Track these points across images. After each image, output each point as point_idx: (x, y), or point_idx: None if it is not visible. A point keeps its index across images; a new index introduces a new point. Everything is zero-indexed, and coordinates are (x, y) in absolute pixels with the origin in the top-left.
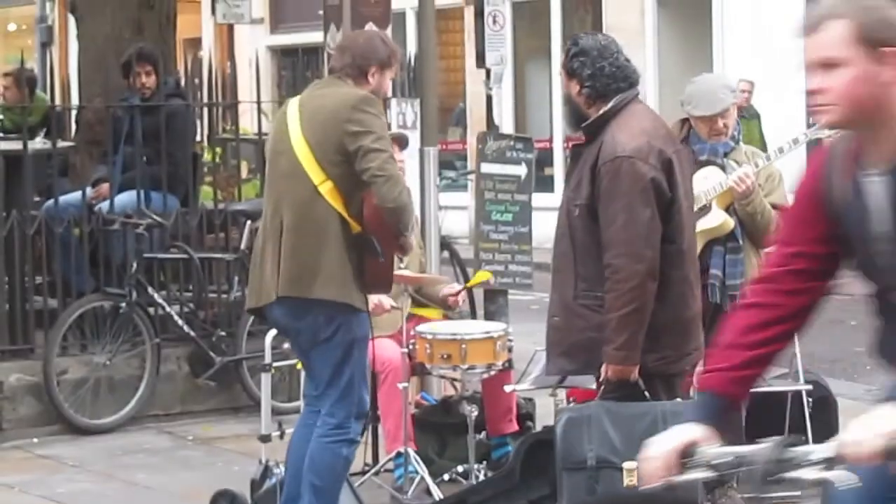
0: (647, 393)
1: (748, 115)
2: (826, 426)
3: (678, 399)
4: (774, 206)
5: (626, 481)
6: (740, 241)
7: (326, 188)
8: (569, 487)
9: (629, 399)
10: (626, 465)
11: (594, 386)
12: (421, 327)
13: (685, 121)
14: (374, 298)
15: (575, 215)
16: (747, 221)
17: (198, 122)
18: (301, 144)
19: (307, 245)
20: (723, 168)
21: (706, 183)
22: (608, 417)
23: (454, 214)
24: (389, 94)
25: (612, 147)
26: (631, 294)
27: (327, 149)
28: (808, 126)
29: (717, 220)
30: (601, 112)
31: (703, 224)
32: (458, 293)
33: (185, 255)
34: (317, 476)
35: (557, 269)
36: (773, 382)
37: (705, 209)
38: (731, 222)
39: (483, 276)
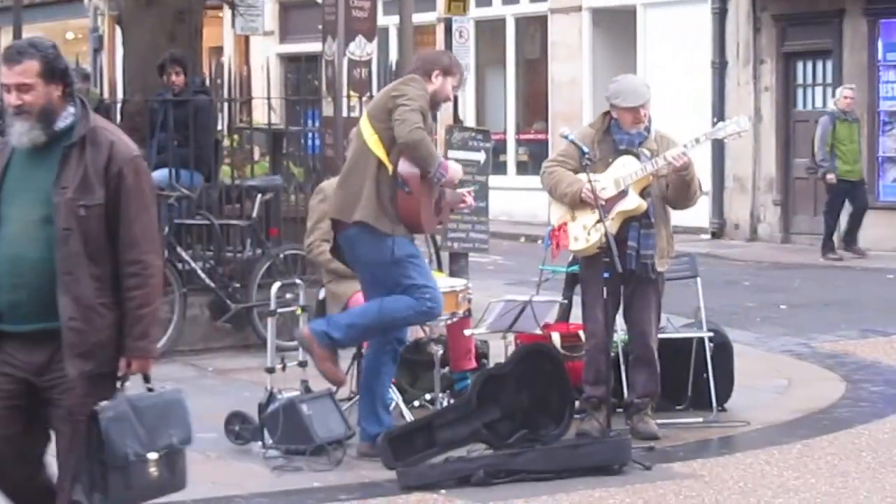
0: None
1: (850, 119)
2: (724, 366)
3: None
4: None
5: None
6: (652, 219)
7: (373, 140)
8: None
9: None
10: (150, 455)
11: (539, 330)
12: None
13: (606, 113)
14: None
15: (82, 215)
16: (682, 189)
17: (219, 115)
18: (365, 113)
19: (349, 180)
20: (637, 157)
21: (624, 170)
22: (134, 412)
23: None
24: (451, 97)
25: (125, 147)
26: (159, 288)
27: (378, 111)
28: (713, 125)
29: (633, 203)
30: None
31: (621, 206)
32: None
33: (207, 222)
34: (377, 309)
35: (68, 271)
36: (681, 330)
37: (624, 193)
38: (645, 205)
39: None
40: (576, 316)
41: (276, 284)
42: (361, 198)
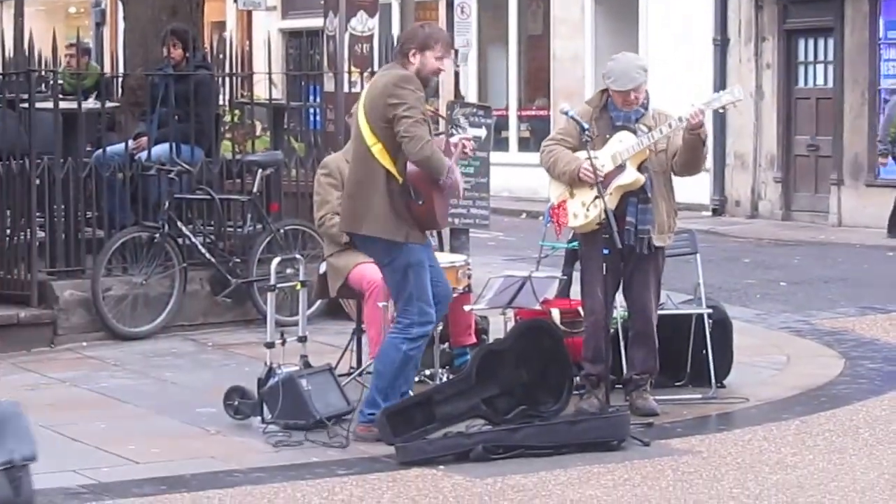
0: None
1: None
2: (723, 343)
3: None
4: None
5: None
6: (649, 194)
7: (377, 149)
8: None
9: None
10: None
11: (538, 306)
12: None
13: (604, 91)
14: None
15: None
16: (695, 149)
17: (220, 89)
18: (361, 114)
19: (359, 192)
20: (634, 132)
21: (621, 145)
22: None
23: None
24: (444, 69)
25: None
26: None
27: (376, 117)
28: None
29: (631, 177)
30: None
31: (619, 181)
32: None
33: (208, 197)
34: (380, 362)
35: None
36: (680, 306)
37: (621, 168)
38: (642, 179)
39: None
40: (575, 292)
41: (276, 259)
42: (370, 212)
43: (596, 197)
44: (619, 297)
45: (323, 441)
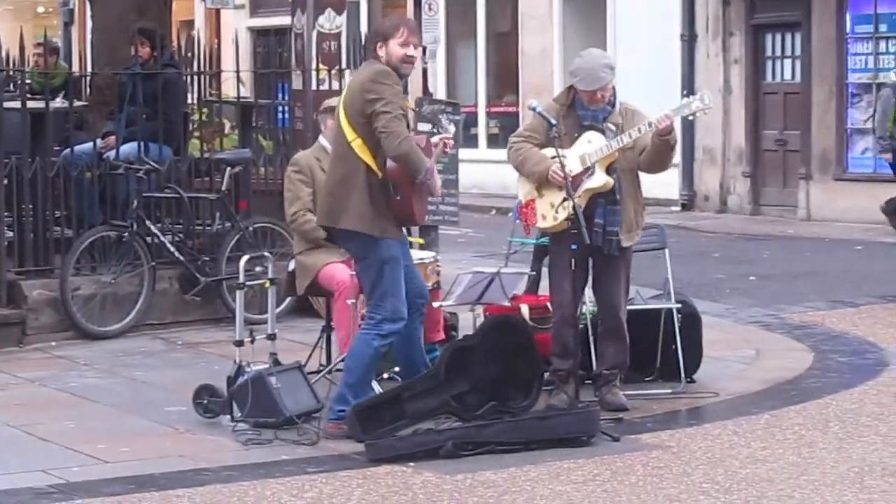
0: None
1: None
2: (692, 338)
3: None
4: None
5: None
6: (618, 196)
7: (357, 144)
8: None
9: None
10: None
11: (507, 303)
12: None
13: (570, 88)
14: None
15: None
16: (663, 153)
17: (189, 88)
18: (341, 110)
19: (339, 187)
20: (602, 132)
21: (590, 146)
22: None
23: None
24: (411, 54)
25: None
26: None
27: (355, 112)
28: (682, 97)
29: (600, 181)
30: None
31: (588, 184)
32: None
33: (176, 195)
34: (350, 358)
35: None
36: (649, 301)
37: (590, 170)
38: (611, 182)
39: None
40: (544, 288)
41: (245, 257)
42: (349, 206)
43: (564, 199)
44: (589, 293)
45: (293, 439)
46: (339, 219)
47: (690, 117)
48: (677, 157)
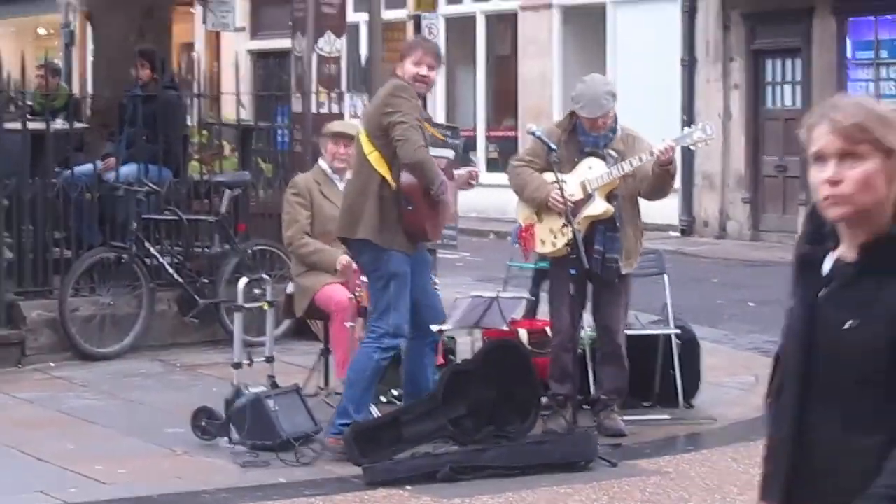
0: None
1: None
2: (691, 363)
3: None
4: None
5: None
6: (617, 223)
7: (374, 156)
8: None
9: None
10: None
11: (505, 327)
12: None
13: (573, 113)
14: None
15: None
16: (663, 181)
17: (189, 110)
18: (362, 127)
19: (356, 200)
20: (603, 158)
21: (591, 173)
22: None
23: None
24: (424, 73)
25: None
26: None
27: (374, 126)
28: (682, 123)
29: (600, 208)
30: None
31: (588, 211)
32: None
33: (176, 217)
34: (352, 370)
35: None
36: (648, 326)
37: (590, 196)
38: (611, 209)
39: None
40: (543, 312)
41: (244, 280)
42: (364, 216)
43: (564, 225)
44: (588, 318)
45: (290, 461)
46: (354, 230)
47: (692, 147)
48: (677, 183)
